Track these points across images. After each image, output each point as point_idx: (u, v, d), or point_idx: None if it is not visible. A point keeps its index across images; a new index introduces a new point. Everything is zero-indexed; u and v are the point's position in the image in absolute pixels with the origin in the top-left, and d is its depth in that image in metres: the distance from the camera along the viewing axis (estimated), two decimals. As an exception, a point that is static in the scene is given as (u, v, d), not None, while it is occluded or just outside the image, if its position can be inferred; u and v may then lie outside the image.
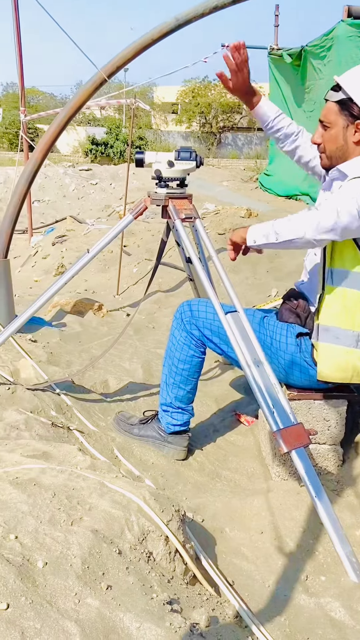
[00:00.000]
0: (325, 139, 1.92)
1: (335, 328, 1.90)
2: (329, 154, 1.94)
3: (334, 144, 1.90)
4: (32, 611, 1.07)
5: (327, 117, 1.89)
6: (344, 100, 1.83)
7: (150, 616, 1.13)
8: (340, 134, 1.88)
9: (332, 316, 1.91)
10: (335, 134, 1.88)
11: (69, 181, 13.49)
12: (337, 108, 1.86)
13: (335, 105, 1.86)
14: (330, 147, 1.92)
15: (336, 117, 1.87)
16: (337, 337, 1.90)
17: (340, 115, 1.86)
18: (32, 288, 5.51)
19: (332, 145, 1.91)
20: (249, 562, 1.66)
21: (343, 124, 1.86)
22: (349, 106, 1.83)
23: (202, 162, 2.24)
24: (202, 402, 2.70)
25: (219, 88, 32.96)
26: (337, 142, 1.89)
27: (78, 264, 2.29)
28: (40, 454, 1.72)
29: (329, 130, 1.90)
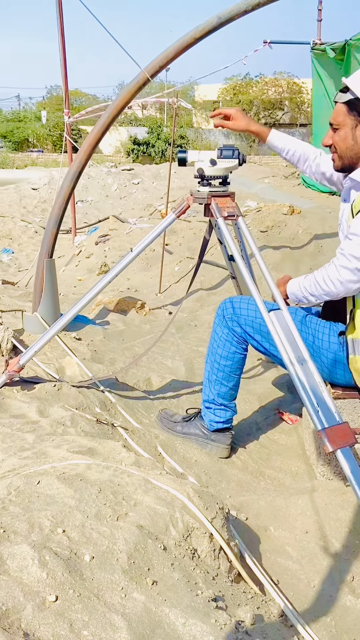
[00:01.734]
0: (336, 140, 1.95)
1: None
2: (340, 154, 1.97)
3: (345, 144, 1.93)
4: (80, 604, 1.09)
5: (336, 118, 1.93)
6: (352, 100, 1.86)
7: (195, 612, 1.14)
8: (350, 134, 1.91)
9: None
10: (345, 134, 1.92)
11: (112, 181, 13.63)
12: (345, 109, 1.89)
13: (344, 106, 1.89)
14: (341, 147, 1.95)
15: (345, 118, 1.90)
16: None
17: (348, 116, 1.89)
18: (76, 287, 5.60)
19: (342, 145, 1.94)
20: (293, 562, 1.65)
21: (352, 124, 1.90)
22: (357, 106, 1.86)
23: (244, 160, 2.23)
24: (244, 399, 2.69)
25: (260, 85, 32.76)
26: (347, 141, 1.92)
27: (121, 263, 2.32)
28: (85, 449, 1.75)
29: (338, 132, 1.94)
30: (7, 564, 1.15)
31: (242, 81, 33.52)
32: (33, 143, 34.48)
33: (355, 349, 1.93)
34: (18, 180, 14.82)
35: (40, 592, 1.10)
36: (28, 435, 1.88)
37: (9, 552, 1.18)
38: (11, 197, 13.10)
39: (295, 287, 2.09)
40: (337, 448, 1.72)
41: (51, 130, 31.22)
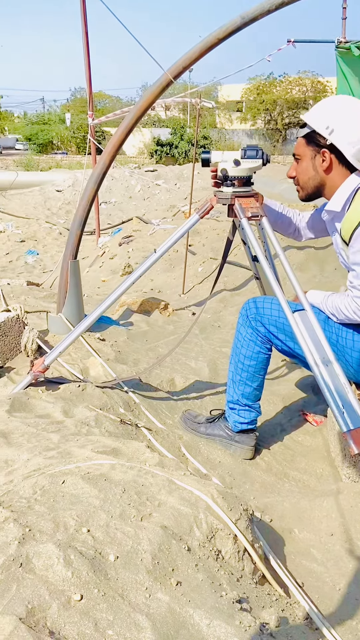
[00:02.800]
0: (298, 171, 2.11)
1: None
2: (302, 185, 2.12)
3: (306, 175, 2.08)
4: (105, 603, 1.10)
5: (297, 150, 2.09)
6: (309, 133, 2.02)
7: (220, 614, 1.14)
8: (310, 164, 2.05)
9: None
10: (306, 165, 2.07)
11: (135, 182, 13.69)
12: (304, 141, 2.06)
13: (303, 139, 2.06)
14: (303, 178, 2.10)
15: (304, 149, 2.06)
16: None
17: (307, 147, 2.05)
18: (99, 288, 5.63)
19: (304, 176, 2.09)
20: (318, 564, 1.63)
21: (311, 155, 2.04)
22: (314, 137, 2.00)
23: (268, 160, 2.22)
24: (268, 400, 2.68)
25: (284, 84, 32.58)
26: (309, 172, 2.07)
27: (145, 264, 2.33)
28: (110, 450, 1.76)
29: (300, 163, 2.09)
30: (32, 562, 1.17)
31: (266, 81, 33.38)
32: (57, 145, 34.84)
33: None
34: (43, 182, 15.00)
35: (65, 591, 1.11)
36: (53, 435, 1.89)
37: (35, 550, 1.19)
38: (36, 199, 13.26)
39: (316, 300, 2.12)
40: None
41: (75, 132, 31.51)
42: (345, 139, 1.94)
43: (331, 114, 1.96)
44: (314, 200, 2.13)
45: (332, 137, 1.95)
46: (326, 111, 1.99)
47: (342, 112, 1.95)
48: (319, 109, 2.02)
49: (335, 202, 2.03)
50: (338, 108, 1.98)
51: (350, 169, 1.99)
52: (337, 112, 1.96)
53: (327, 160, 2.00)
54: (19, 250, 8.70)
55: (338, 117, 1.95)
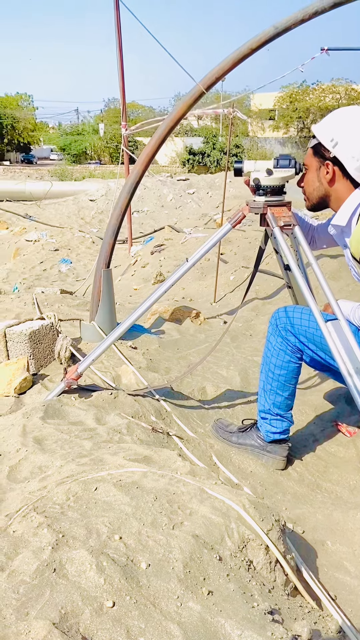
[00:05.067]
0: (305, 181, 2.14)
1: None
2: (307, 195, 2.15)
3: (311, 186, 2.11)
4: (137, 610, 1.11)
5: (306, 160, 2.12)
6: (316, 145, 2.04)
7: (251, 625, 1.13)
8: (315, 175, 2.08)
9: None
10: (312, 176, 2.10)
11: (167, 191, 13.78)
12: (312, 152, 2.08)
13: (311, 150, 2.08)
14: (309, 189, 2.13)
15: (311, 160, 2.09)
16: None
17: (314, 158, 2.07)
18: (131, 296, 5.68)
19: (309, 187, 2.12)
20: (352, 577, 1.61)
21: (316, 166, 2.07)
22: (320, 149, 2.02)
23: (301, 169, 2.22)
24: (301, 410, 2.66)
25: (317, 92, 32.43)
26: (314, 183, 2.09)
27: (177, 273, 2.34)
28: (141, 457, 1.77)
29: (307, 173, 2.12)
30: (66, 568, 1.18)
31: (299, 89, 33.28)
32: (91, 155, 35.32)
33: None
34: (76, 192, 15.23)
35: (97, 597, 1.12)
36: (85, 442, 1.91)
37: (68, 556, 1.21)
38: (70, 208, 13.45)
39: (345, 311, 2.08)
40: None
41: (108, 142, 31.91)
42: (348, 153, 1.94)
43: (337, 127, 1.96)
44: (320, 210, 2.16)
45: (336, 150, 1.95)
46: (333, 123, 1.99)
47: (348, 126, 1.95)
48: (327, 121, 2.03)
49: (340, 216, 2.03)
50: (345, 121, 1.97)
51: (355, 183, 1.98)
52: (343, 125, 1.96)
53: (330, 173, 2.00)
54: (53, 259, 8.83)
55: (343, 130, 1.94)
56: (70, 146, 36.41)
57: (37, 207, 13.65)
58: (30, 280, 7.53)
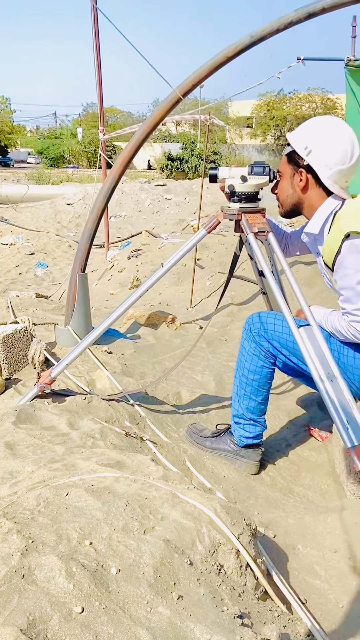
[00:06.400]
0: (279, 188, 2.17)
1: None
2: (281, 202, 2.17)
3: (285, 193, 2.13)
4: (106, 616, 1.10)
5: (280, 167, 2.15)
6: (290, 152, 2.07)
7: (220, 629, 1.14)
8: (289, 182, 2.10)
9: None
10: (285, 183, 2.12)
11: (145, 196, 13.79)
12: (286, 159, 2.11)
13: (285, 157, 2.11)
14: (282, 196, 2.15)
15: (285, 167, 2.11)
16: None
17: (288, 165, 2.10)
18: (108, 301, 5.66)
19: (283, 194, 2.15)
20: (322, 581, 1.63)
21: (290, 173, 2.09)
22: (294, 157, 2.05)
23: (275, 176, 2.24)
24: (274, 415, 2.68)
25: (294, 101, 32.82)
26: (287, 190, 2.12)
27: (152, 278, 2.35)
28: (114, 462, 1.76)
29: (281, 180, 2.15)
30: (35, 574, 1.17)
31: (276, 97, 33.64)
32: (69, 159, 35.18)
33: None
34: (53, 195, 15.15)
35: (66, 603, 1.11)
36: (58, 447, 1.90)
37: (37, 562, 1.20)
38: (46, 212, 13.38)
39: (317, 317, 2.10)
40: (367, 466, 1.70)
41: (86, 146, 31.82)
42: (321, 161, 1.97)
43: (311, 135, 1.99)
44: (293, 217, 2.18)
45: (309, 158, 1.98)
46: (307, 132, 2.02)
47: (322, 134, 1.98)
48: (301, 129, 2.06)
49: (313, 225, 2.06)
50: (319, 130, 2.00)
51: (327, 192, 2.01)
52: (317, 133, 1.99)
53: (304, 180, 2.03)
54: (29, 263, 8.77)
55: (317, 139, 1.97)
56: (48, 150, 36.22)
57: (13, 210, 13.53)
58: (5, 284, 7.47)
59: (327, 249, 1.98)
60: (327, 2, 2.60)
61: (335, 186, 1.99)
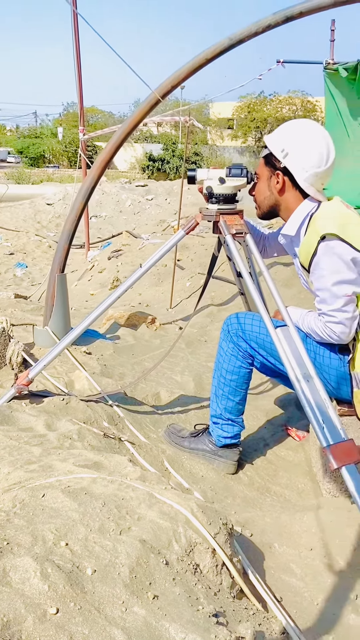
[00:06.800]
0: (256, 190, 2.19)
1: None
2: (258, 203, 2.20)
3: (262, 195, 2.16)
4: (81, 617, 1.10)
5: (258, 170, 2.17)
6: (268, 155, 2.09)
7: (195, 628, 1.14)
8: (266, 184, 2.13)
9: None
10: (263, 185, 2.15)
11: (126, 197, 13.75)
12: (263, 162, 2.13)
13: (263, 159, 2.13)
14: (259, 198, 2.18)
15: (263, 169, 2.14)
16: None
17: (265, 168, 2.12)
18: (88, 301, 5.65)
19: (260, 195, 2.17)
20: (297, 579, 1.64)
21: (267, 175, 2.12)
22: (271, 159, 2.07)
23: (252, 179, 2.26)
24: (252, 415, 2.70)
25: (274, 103, 33.03)
26: (264, 192, 2.14)
27: (131, 279, 2.35)
28: (91, 463, 1.76)
29: (258, 182, 2.17)
30: (9, 575, 1.17)
31: (257, 99, 33.82)
32: (49, 159, 34.97)
33: (358, 382, 1.96)
34: (33, 195, 15.04)
35: (41, 604, 1.11)
36: (35, 449, 1.89)
37: (12, 564, 1.19)
38: (26, 212, 13.28)
39: (294, 318, 2.12)
40: (342, 465, 1.71)
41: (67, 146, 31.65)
42: (298, 164, 1.99)
43: (288, 138, 2.02)
44: (270, 219, 2.21)
45: (286, 160, 2.01)
46: (284, 135, 2.05)
47: (298, 137, 2.01)
48: (278, 132, 2.08)
49: (289, 226, 2.09)
50: (296, 133, 2.03)
51: (304, 194, 2.04)
52: (294, 136, 2.02)
53: (281, 183, 2.05)
54: (8, 263, 8.70)
55: (294, 142, 2.00)
56: (28, 149, 35.97)
57: (-8, 210, 13.41)
58: (-16, 284, 7.40)
59: (304, 251, 2.00)
60: (305, 6, 2.63)
61: (312, 189, 2.01)
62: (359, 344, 1.96)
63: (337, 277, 1.90)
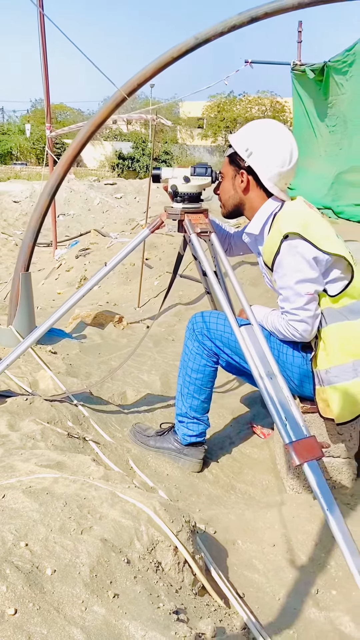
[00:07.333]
0: (221, 189, 2.19)
1: (333, 368, 1.96)
2: (223, 202, 2.20)
3: (226, 193, 2.16)
4: (39, 617, 1.10)
5: (222, 169, 2.18)
6: (232, 154, 2.10)
7: (155, 625, 1.15)
8: (230, 183, 2.13)
9: (325, 358, 1.97)
10: (227, 184, 2.15)
11: (94, 195, 13.67)
12: (228, 161, 2.14)
13: (227, 158, 2.14)
14: (224, 197, 2.18)
15: (227, 168, 2.14)
16: (336, 376, 1.95)
17: (229, 167, 2.13)
18: (55, 300, 5.60)
19: (225, 194, 2.17)
20: (260, 575, 1.66)
21: (232, 174, 2.12)
22: (236, 158, 2.08)
23: (217, 178, 2.27)
24: (218, 413, 2.71)
25: (244, 103, 33.22)
26: (229, 191, 2.15)
27: (95, 277, 2.33)
28: (54, 463, 1.75)
29: (223, 181, 2.17)
30: (-33, 577, 1.15)
31: (226, 99, 33.96)
32: (17, 156, 34.51)
33: (321, 380, 1.98)
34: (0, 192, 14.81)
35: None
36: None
37: (-30, 565, 1.18)
38: (-7, 209, 13.07)
39: (258, 317, 2.13)
40: (304, 461, 1.74)
41: (35, 143, 31.28)
42: (262, 163, 2.01)
43: (252, 137, 2.04)
44: (235, 218, 2.22)
45: (250, 159, 2.02)
46: (248, 134, 2.06)
47: (263, 137, 2.03)
48: (243, 131, 2.10)
49: (253, 225, 2.11)
50: (260, 132, 2.05)
51: (268, 193, 2.06)
52: (258, 136, 2.03)
53: (245, 182, 2.07)
54: (-26, 262, 8.56)
55: (258, 141, 2.02)
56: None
57: None
58: None
59: (267, 249, 2.02)
60: (269, 7, 2.65)
61: (275, 188, 2.03)
62: (320, 342, 1.98)
63: (300, 275, 1.92)
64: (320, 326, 1.97)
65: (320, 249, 1.90)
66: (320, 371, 1.97)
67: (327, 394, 1.97)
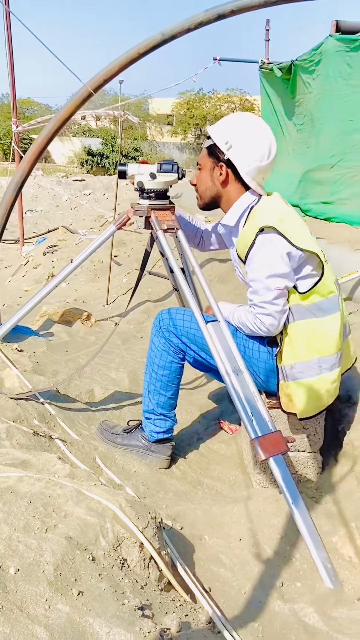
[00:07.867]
0: (198, 180, 2.18)
1: (298, 364, 1.98)
2: (200, 194, 2.19)
3: (204, 185, 2.15)
4: (2, 616, 1.08)
5: (200, 160, 2.17)
6: (211, 146, 2.09)
7: (120, 621, 1.15)
8: (209, 175, 2.13)
9: (291, 354, 1.99)
10: (205, 175, 2.14)
11: (62, 191, 13.55)
12: (207, 152, 2.13)
13: (206, 150, 2.13)
14: (201, 188, 2.17)
15: (206, 160, 2.13)
16: (301, 372, 1.98)
17: (208, 159, 2.12)
18: (21, 298, 5.53)
19: (202, 186, 2.17)
20: (226, 569, 1.67)
21: (210, 166, 2.12)
22: (215, 150, 2.08)
23: (184, 175, 2.27)
24: (186, 410, 2.72)
25: (213, 100, 33.29)
26: (207, 182, 2.14)
27: (61, 274, 2.32)
28: (19, 462, 1.73)
29: (200, 173, 2.16)
30: None
31: (196, 96, 33.97)
32: (-17, 151, 33.92)
33: (285, 375, 2.00)
34: (-34, 188, 14.55)
35: None
36: None
37: None
38: None
39: (225, 313, 2.14)
40: (270, 456, 1.76)
41: (1, 138, 30.79)
42: (241, 157, 2.02)
43: (232, 130, 2.04)
44: (211, 209, 2.21)
45: (230, 152, 2.03)
46: (229, 127, 2.06)
47: (243, 130, 2.03)
48: (222, 124, 2.09)
49: (229, 217, 2.11)
50: (240, 126, 2.05)
51: (246, 186, 2.07)
52: (238, 129, 2.04)
53: (224, 174, 2.07)
54: None
55: (238, 135, 2.02)
56: None
57: None
58: None
59: (242, 242, 2.02)
60: (235, 5, 2.65)
61: (254, 182, 2.04)
62: (287, 337, 2.00)
63: (271, 270, 1.93)
64: (288, 322, 1.99)
65: (295, 244, 1.92)
66: (285, 366, 2.00)
67: (291, 389, 1.99)
